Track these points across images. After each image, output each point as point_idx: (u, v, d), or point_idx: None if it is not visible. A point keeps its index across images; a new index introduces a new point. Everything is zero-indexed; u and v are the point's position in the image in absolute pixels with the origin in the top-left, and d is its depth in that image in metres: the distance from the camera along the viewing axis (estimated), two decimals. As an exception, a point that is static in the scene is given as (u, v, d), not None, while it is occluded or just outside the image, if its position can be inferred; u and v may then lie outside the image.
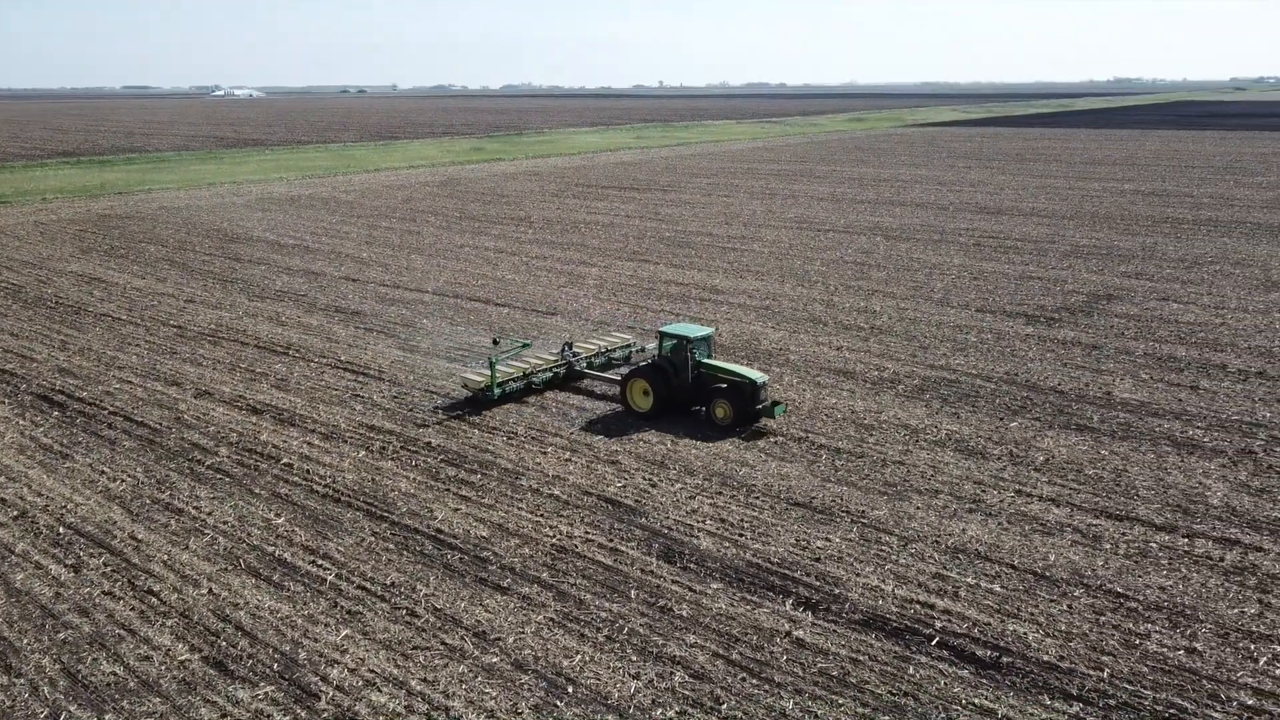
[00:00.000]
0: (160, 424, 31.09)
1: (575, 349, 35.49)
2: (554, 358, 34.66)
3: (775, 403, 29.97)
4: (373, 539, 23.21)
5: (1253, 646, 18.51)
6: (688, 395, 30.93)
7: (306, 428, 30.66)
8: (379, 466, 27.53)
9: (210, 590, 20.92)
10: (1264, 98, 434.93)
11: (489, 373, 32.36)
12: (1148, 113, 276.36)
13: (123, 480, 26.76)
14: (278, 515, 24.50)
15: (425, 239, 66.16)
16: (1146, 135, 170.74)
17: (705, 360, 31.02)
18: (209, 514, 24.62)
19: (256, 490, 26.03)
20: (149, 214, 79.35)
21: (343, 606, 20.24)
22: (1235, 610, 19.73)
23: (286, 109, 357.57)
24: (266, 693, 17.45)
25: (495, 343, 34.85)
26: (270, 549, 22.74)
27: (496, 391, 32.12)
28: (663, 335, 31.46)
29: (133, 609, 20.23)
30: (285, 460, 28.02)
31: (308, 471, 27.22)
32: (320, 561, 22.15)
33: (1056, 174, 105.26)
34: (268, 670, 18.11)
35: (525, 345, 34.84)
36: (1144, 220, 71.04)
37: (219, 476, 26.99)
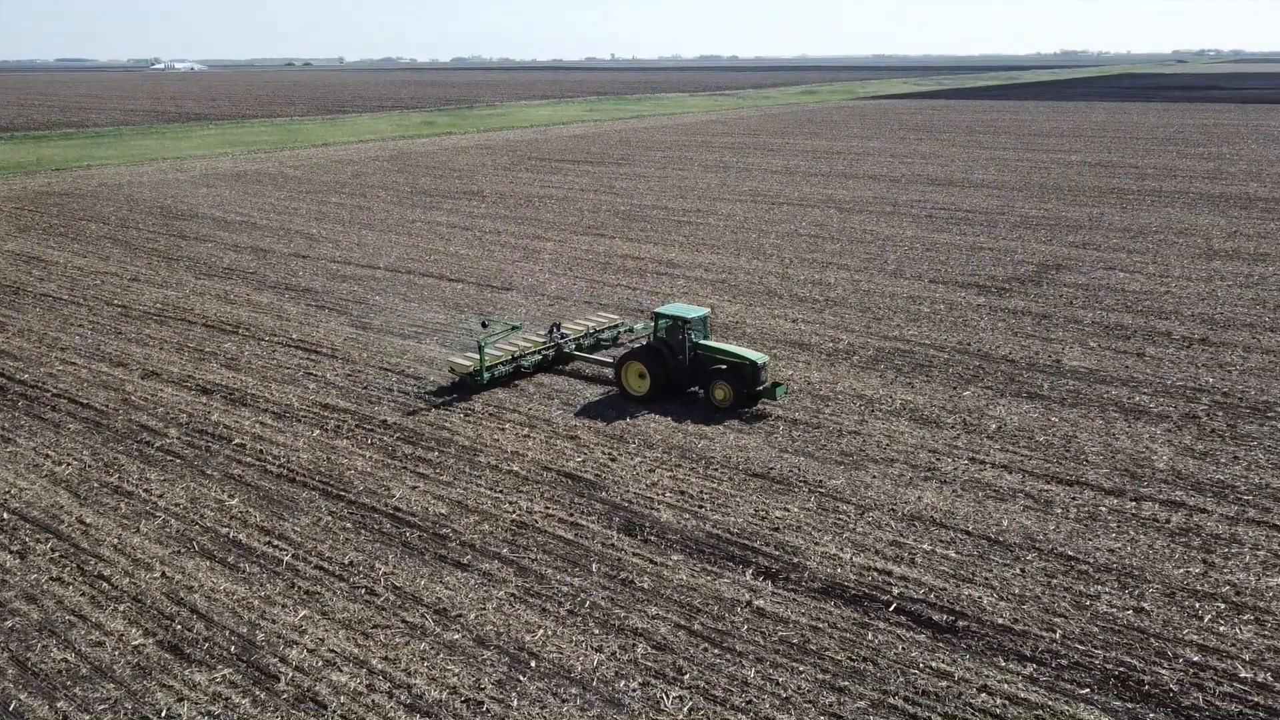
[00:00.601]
0: (107, 406, 30.38)
1: (563, 330, 34.35)
2: (542, 340, 33.62)
3: (776, 384, 29.22)
4: (329, 518, 22.95)
5: (1198, 605, 19.06)
6: (685, 377, 30.00)
7: (259, 407, 30.16)
8: (334, 445, 27.19)
9: (163, 573, 20.54)
10: (1205, 70, 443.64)
11: (477, 356, 31.25)
12: (1093, 85, 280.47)
13: (69, 464, 26.13)
14: (231, 496, 24.11)
15: (376, 214, 65.19)
16: (1092, 107, 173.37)
17: (702, 341, 30.14)
18: (160, 496, 24.15)
19: (209, 471, 25.58)
20: (89, 191, 77.18)
21: (300, 587, 20.00)
22: (1181, 570, 20.28)
23: (230, 83, 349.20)
24: (224, 675, 17.23)
25: (484, 325, 33.52)
26: (224, 530, 22.39)
27: (485, 376, 31.15)
28: (657, 316, 30.56)
29: (83, 594, 19.81)
30: (237, 440, 27.55)
31: (261, 451, 26.79)
32: (276, 542, 21.86)
33: (1006, 146, 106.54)
34: (225, 653, 17.87)
35: (515, 328, 33.54)
36: (1090, 191, 72.22)
37: (169, 458, 26.46)
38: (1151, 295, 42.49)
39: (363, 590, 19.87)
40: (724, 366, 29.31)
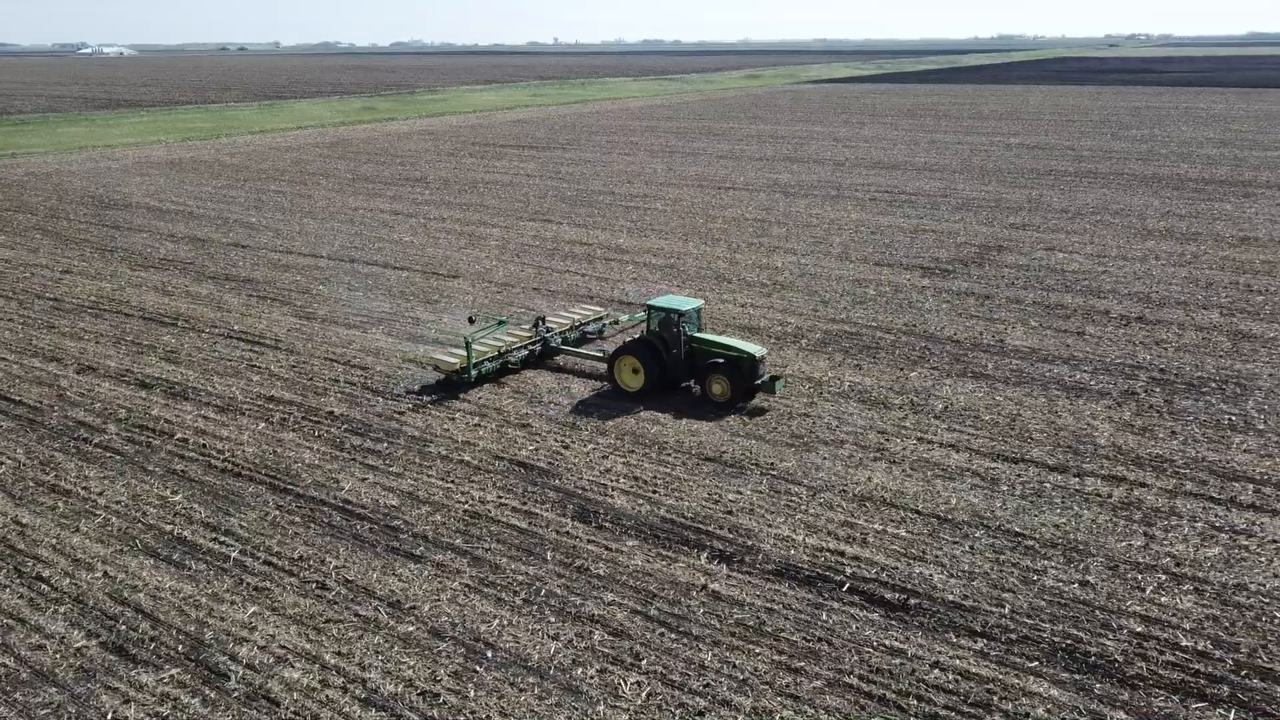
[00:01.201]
0: (41, 402, 29.44)
1: (548, 324, 33.23)
2: (527, 334, 32.43)
3: (775, 377, 28.48)
4: (277, 513, 22.53)
5: (1140, 577, 19.58)
6: (680, 372, 29.05)
7: (201, 401, 29.47)
8: (280, 438, 26.68)
9: (105, 573, 20.00)
10: (1135, 54, 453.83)
11: (464, 353, 30.05)
12: (1030, 68, 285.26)
13: (2, 463, 25.27)
14: (174, 493, 23.54)
15: (317, 202, 64.00)
16: (1030, 90, 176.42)
17: (697, 335, 29.24)
18: (99, 494, 23.49)
19: (150, 467, 24.93)
20: (15, 180, 74.60)
21: (249, 583, 19.62)
22: (1123, 543, 20.81)
23: (161, 68, 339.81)
24: (172, 675, 16.84)
25: (471, 321, 32.16)
26: (168, 528, 21.85)
27: (473, 373, 29.98)
28: (650, 309, 29.44)
29: (21, 597, 19.20)
30: (179, 435, 26.90)
31: (204, 446, 26.19)
32: (223, 538, 21.40)
33: (946, 129, 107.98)
34: (172, 652, 17.46)
35: (501, 322, 32.53)
36: (1029, 173, 73.55)
37: (108, 455, 25.74)
38: (1090, 275, 43.44)
39: (313, 585, 19.55)
40: (721, 360, 28.39)
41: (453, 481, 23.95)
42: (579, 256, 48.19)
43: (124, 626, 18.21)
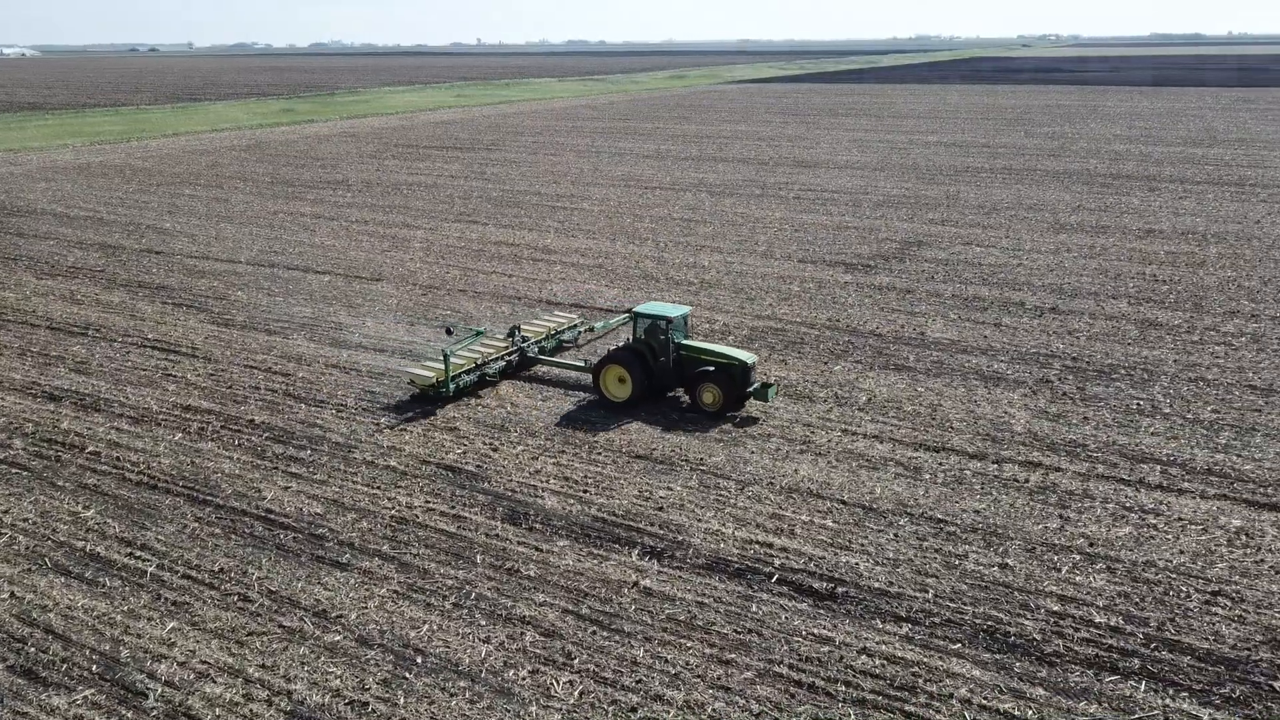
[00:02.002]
0: (-60, 418, 28.16)
1: (524, 333, 32.26)
2: (503, 344, 31.42)
3: (767, 384, 27.67)
4: (196, 525, 21.90)
5: (1056, 558, 20.20)
6: (668, 380, 28.40)
7: (114, 412, 28.50)
8: (198, 448, 25.95)
9: (12, 594, 19.21)
10: (1047, 54, 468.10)
11: (441, 367, 28.87)
12: (947, 68, 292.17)
13: (-101, 482, 24.10)
14: (86, 508, 22.72)
15: (235, 206, 62.41)
16: (947, 89, 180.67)
17: (685, 342, 28.55)
18: (5, 512, 22.55)
19: (60, 483, 24.02)
20: (-90, 187, 71.20)
21: (167, 598, 19.04)
22: (1040, 526, 21.45)
23: (67, 69, 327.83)
24: (86, 696, 16.25)
25: (448, 332, 31.06)
26: (80, 544, 21.08)
27: (451, 387, 29.04)
28: (637, 316, 28.65)
29: (-79, 622, 18.34)
30: (91, 449, 25.98)
31: (118, 459, 25.34)
32: (139, 553, 20.73)
33: (867, 128, 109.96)
34: (86, 673, 16.85)
35: (479, 333, 31.57)
36: (947, 170, 75.33)
37: (14, 471, 24.73)
38: (1006, 268, 44.67)
39: (235, 597, 19.07)
40: (711, 368, 27.59)
41: (379, 487, 23.59)
42: (505, 257, 47.87)
43: (33, 648, 17.52)
